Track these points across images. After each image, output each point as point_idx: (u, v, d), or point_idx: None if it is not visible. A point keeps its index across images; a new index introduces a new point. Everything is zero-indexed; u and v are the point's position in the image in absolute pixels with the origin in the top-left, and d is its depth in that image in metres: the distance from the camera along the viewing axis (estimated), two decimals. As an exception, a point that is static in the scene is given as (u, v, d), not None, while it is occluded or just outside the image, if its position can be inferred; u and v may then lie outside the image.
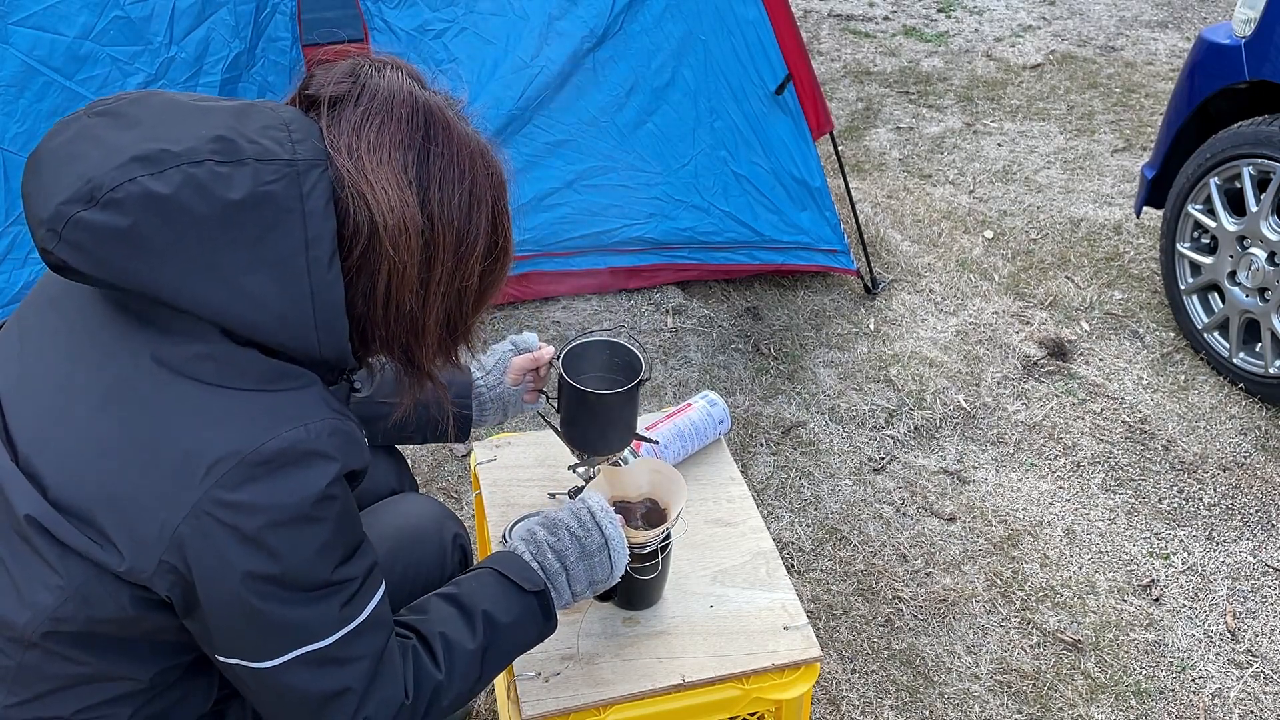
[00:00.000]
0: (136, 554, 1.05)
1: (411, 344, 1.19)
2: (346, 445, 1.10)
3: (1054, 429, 2.90)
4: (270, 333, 1.07)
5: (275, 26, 2.86)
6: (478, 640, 1.26)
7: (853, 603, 2.39)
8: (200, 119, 1.09)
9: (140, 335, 1.07)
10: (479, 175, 1.17)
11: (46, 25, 2.68)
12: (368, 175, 1.10)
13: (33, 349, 1.14)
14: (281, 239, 1.05)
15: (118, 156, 1.03)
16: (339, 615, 1.12)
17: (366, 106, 1.12)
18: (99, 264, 1.02)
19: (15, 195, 2.75)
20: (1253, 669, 2.27)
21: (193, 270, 1.03)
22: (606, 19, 3.04)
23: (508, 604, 1.30)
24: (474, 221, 1.16)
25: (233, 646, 1.10)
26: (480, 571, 1.34)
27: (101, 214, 1.01)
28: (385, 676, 1.17)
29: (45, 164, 1.06)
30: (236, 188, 1.04)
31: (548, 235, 3.18)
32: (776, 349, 3.17)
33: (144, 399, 1.05)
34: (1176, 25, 5.55)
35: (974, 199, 3.99)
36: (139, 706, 1.17)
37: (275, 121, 1.11)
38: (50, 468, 1.08)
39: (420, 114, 1.14)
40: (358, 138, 1.11)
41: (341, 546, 1.11)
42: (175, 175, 1.02)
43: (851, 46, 5.30)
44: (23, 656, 1.11)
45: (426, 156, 1.13)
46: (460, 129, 1.17)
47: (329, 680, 1.13)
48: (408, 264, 1.12)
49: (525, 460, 1.91)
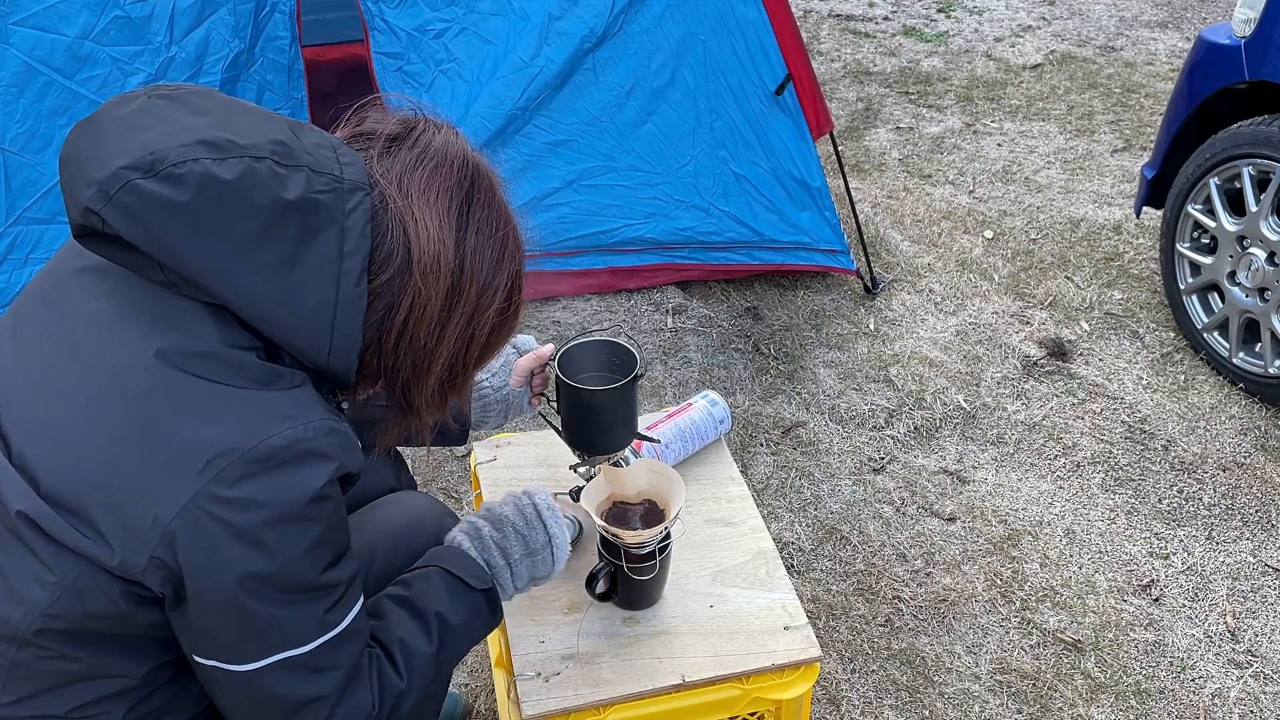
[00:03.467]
0: (128, 548, 1.05)
1: (411, 381, 1.23)
2: (343, 446, 1.12)
3: (1054, 429, 2.90)
4: (288, 330, 1.09)
5: (275, 25, 2.87)
6: (433, 644, 1.28)
7: (853, 603, 2.39)
8: (262, 121, 1.14)
9: (140, 332, 1.08)
10: (511, 240, 1.24)
11: (47, 25, 2.68)
12: (413, 208, 1.16)
13: (26, 344, 1.15)
14: (320, 246, 1.09)
15: (186, 136, 1.07)
16: (321, 620, 1.13)
17: (423, 150, 1.19)
18: (145, 232, 1.04)
19: (15, 195, 2.75)
20: (1253, 669, 2.27)
21: (234, 257, 1.06)
22: (606, 19, 3.04)
23: (457, 604, 1.32)
24: (498, 277, 1.22)
25: (213, 647, 1.11)
26: (428, 570, 1.35)
27: (160, 185, 1.04)
28: (355, 686, 1.19)
29: (105, 129, 1.09)
30: (291, 189, 1.08)
31: (548, 235, 3.17)
32: (776, 349, 3.17)
33: (142, 393, 1.06)
34: (1176, 25, 5.55)
35: (974, 199, 3.99)
36: (133, 704, 1.17)
37: (325, 142, 1.16)
38: (43, 462, 1.08)
39: (470, 170, 1.21)
40: (410, 174, 1.17)
41: (331, 549, 1.13)
42: (238, 164, 1.06)
43: (851, 46, 5.30)
44: (15, 655, 1.12)
45: (469, 207, 1.20)
46: (500, 195, 1.25)
47: (304, 687, 1.14)
48: (432, 299, 1.17)
49: (525, 460, 1.92)
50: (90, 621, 1.10)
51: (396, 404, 1.26)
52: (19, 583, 1.10)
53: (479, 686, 2.20)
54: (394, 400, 1.26)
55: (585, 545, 1.74)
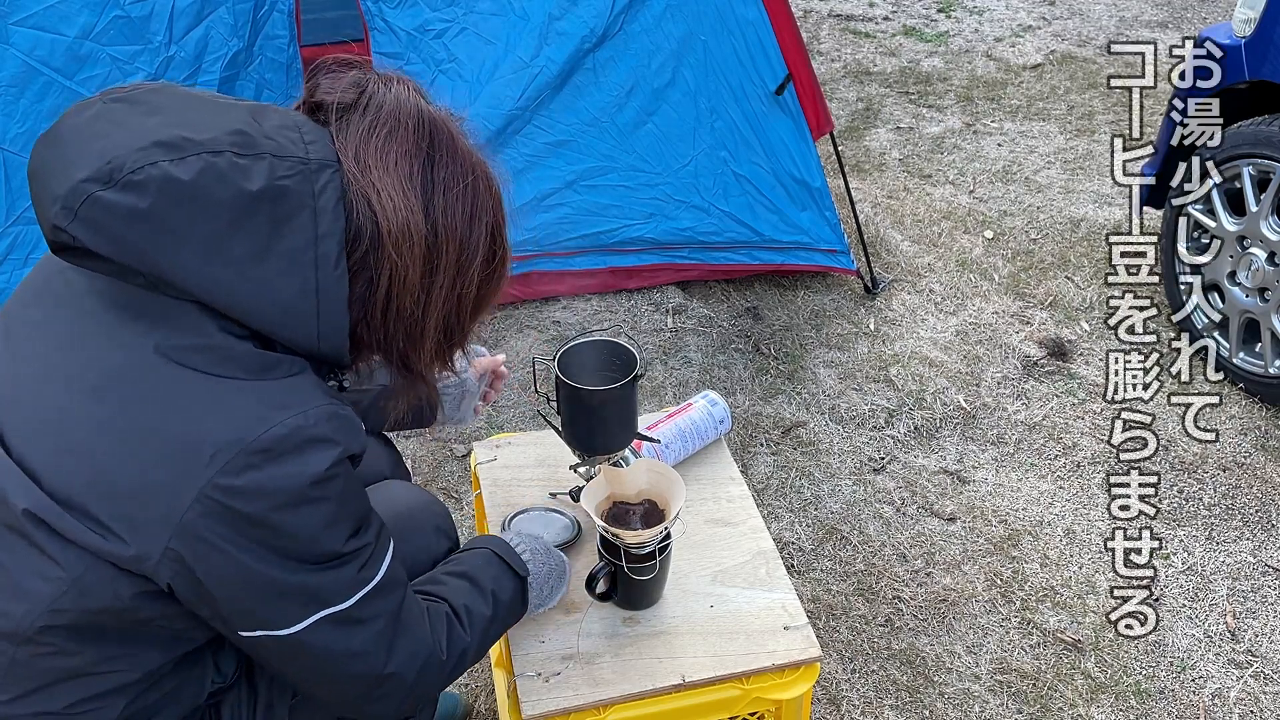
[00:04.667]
0: (140, 542, 1.05)
1: (409, 348, 1.22)
2: (346, 429, 1.12)
3: (1054, 429, 2.90)
4: (273, 322, 1.09)
5: (273, 25, 2.86)
6: (489, 611, 1.38)
7: (853, 603, 2.39)
8: (220, 113, 1.12)
9: (135, 327, 1.08)
10: (481, 187, 1.20)
11: (47, 25, 2.68)
12: (374, 181, 1.13)
13: (19, 343, 1.14)
14: (292, 233, 1.08)
15: (140, 139, 1.05)
16: (355, 579, 1.16)
17: (374, 116, 1.16)
18: (114, 243, 1.03)
19: (16, 195, 2.75)
20: (1253, 669, 2.27)
21: (206, 256, 1.05)
22: (606, 19, 3.04)
23: (502, 584, 1.43)
24: (475, 231, 1.19)
25: (253, 620, 1.13)
26: (479, 550, 1.46)
27: (120, 194, 1.02)
28: (406, 632, 1.23)
29: (65, 140, 1.08)
30: (254, 179, 1.06)
31: (548, 235, 3.18)
32: (776, 349, 3.17)
33: (141, 389, 1.06)
34: (1176, 25, 5.56)
35: (974, 199, 3.99)
36: (131, 699, 1.18)
37: (289, 122, 1.14)
38: (46, 461, 1.08)
39: (426, 126, 1.17)
40: (365, 145, 1.14)
41: (350, 520, 1.14)
42: (196, 162, 1.05)
43: (851, 46, 5.30)
44: (15, 652, 1.12)
45: (431, 166, 1.16)
46: (463, 143, 1.21)
47: (353, 639, 1.17)
48: (410, 269, 1.15)
49: (525, 460, 1.91)
50: (92, 617, 1.10)
51: (399, 371, 1.25)
52: (23, 580, 1.10)
53: (479, 686, 2.20)
54: (395, 368, 1.25)
55: (585, 545, 1.74)
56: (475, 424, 2.87)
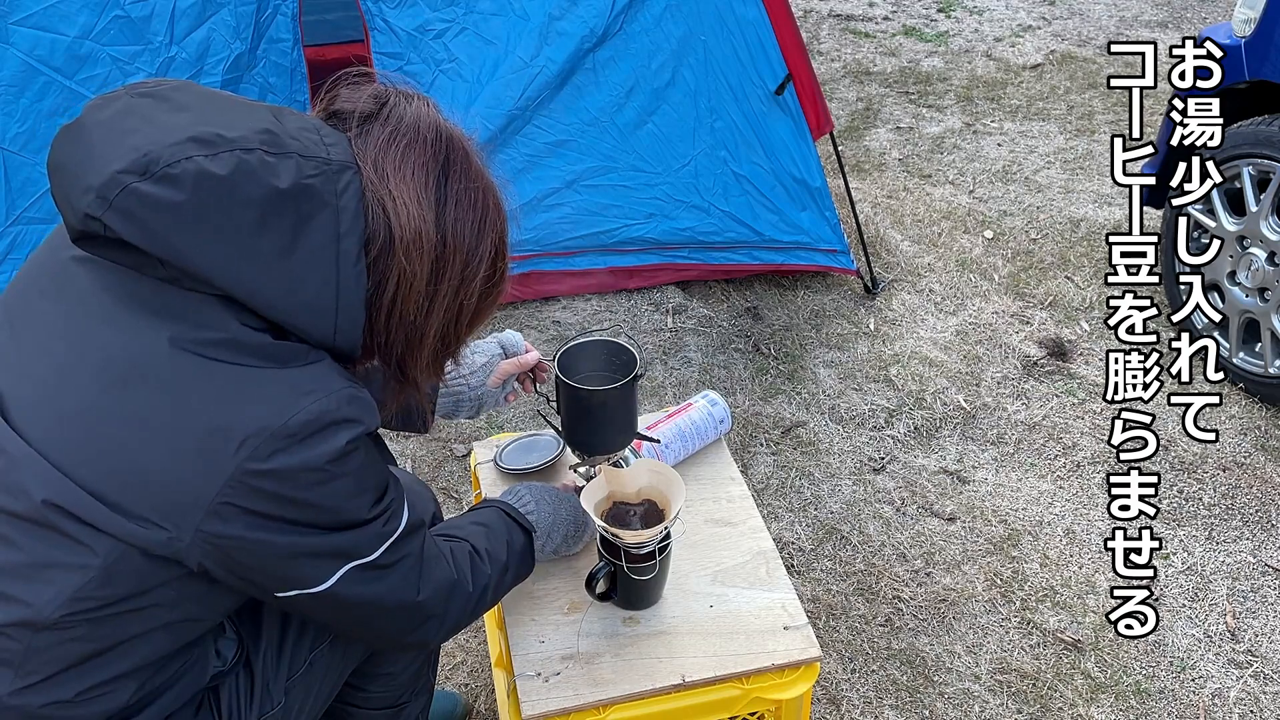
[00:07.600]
0: (172, 527, 1.09)
1: (406, 353, 1.26)
2: (366, 409, 1.17)
3: (1054, 429, 2.90)
4: (295, 315, 1.12)
5: (276, 27, 2.86)
6: (504, 556, 1.46)
7: (853, 603, 2.39)
8: (245, 112, 1.16)
9: (152, 320, 1.09)
10: (490, 204, 1.26)
11: (47, 25, 2.68)
12: (390, 188, 1.17)
13: (30, 339, 1.15)
14: (316, 230, 1.12)
15: (173, 134, 1.08)
16: (379, 533, 1.22)
17: (394, 128, 1.21)
18: (146, 234, 1.06)
19: (16, 195, 2.75)
20: (1253, 669, 2.27)
21: (236, 249, 1.08)
22: (606, 19, 3.04)
23: (515, 535, 1.51)
24: (481, 245, 1.24)
25: (287, 583, 1.18)
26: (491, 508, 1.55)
27: (156, 187, 1.05)
28: (431, 567, 1.31)
29: (93, 133, 1.10)
30: (283, 177, 1.10)
31: (548, 235, 3.18)
32: (776, 349, 3.17)
33: (162, 379, 1.08)
34: (1176, 25, 5.56)
35: (974, 199, 3.99)
36: (139, 685, 1.20)
37: (308, 125, 1.18)
38: (69, 453, 1.09)
39: (443, 142, 1.22)
40: (384, 154, 1.19)
41: (372, 490, 1.19)
42: (230, 159, 1.08)
43: (851, 46, 5.31)
44: (33, 639, 1.13)
45: (445, 180, 1.22)
46: (476, 161, 1.26)
47: (382, 582, 1.24)
48: (417, 275, 1.20)
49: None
50: (112, 604, 1.12)
51: (393, 375, 1.30)
52: (46, 568, 1.11)
53: (479, 686, 2.20)
54: (390, 372, 1.29)
55: (585, 545, 1.74)
56: (475, 424, 2.88)
